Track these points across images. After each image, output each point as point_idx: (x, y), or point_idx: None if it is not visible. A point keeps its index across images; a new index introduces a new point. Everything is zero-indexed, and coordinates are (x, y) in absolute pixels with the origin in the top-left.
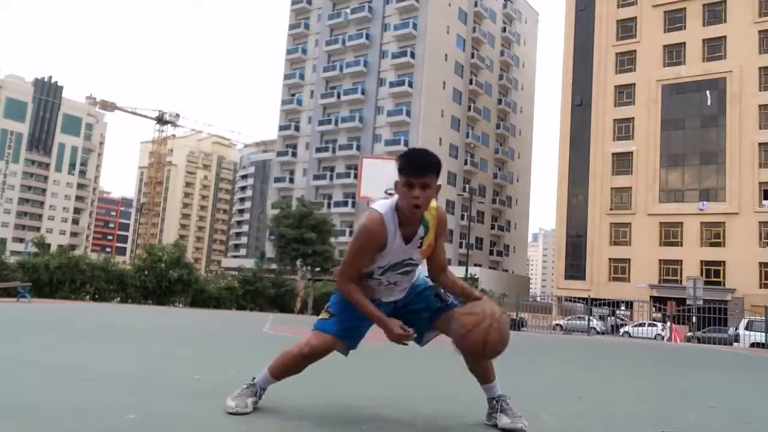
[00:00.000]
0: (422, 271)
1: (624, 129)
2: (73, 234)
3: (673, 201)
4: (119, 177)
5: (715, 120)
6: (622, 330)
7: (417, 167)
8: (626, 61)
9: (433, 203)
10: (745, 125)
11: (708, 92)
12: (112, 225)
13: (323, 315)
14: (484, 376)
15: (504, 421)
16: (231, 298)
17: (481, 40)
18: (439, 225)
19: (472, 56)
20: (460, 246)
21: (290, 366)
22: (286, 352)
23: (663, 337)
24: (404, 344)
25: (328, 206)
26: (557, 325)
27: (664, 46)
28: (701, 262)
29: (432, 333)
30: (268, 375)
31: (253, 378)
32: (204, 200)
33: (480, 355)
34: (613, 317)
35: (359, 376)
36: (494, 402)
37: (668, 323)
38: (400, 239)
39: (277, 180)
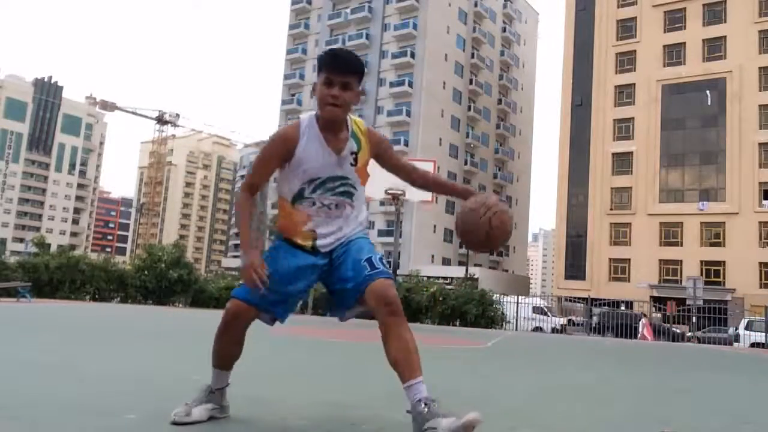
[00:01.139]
0: (365, 227)
1: (624, 129)
2: (73, 234)
3: (673, 201)
4: (119, 177)
5: (715, 120)
6: None
7: (340, 63)
8: (626, 61)
9: (359, 119)
10: (745, 125)
11: (708, 92)
12: (112, 225)
13: (238, 283)
14: (410, 370)
15: (445, 424)
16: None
17: (481, 40)
18: (377, 142)
19: (472, 56)
20: (460, 246)
21: (221, 346)
22: (215, 337)
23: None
24: (255, 286)
25: None
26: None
27: (664, 46)
28: (701, 262)
29: (355, 308)
30: (214, 371)
31: (212, 378)
32: (204, 200)
33: (485, 240)
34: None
35: (359, 376)
36: (423, 406)
37: (642, 320)
38: (322, 145)
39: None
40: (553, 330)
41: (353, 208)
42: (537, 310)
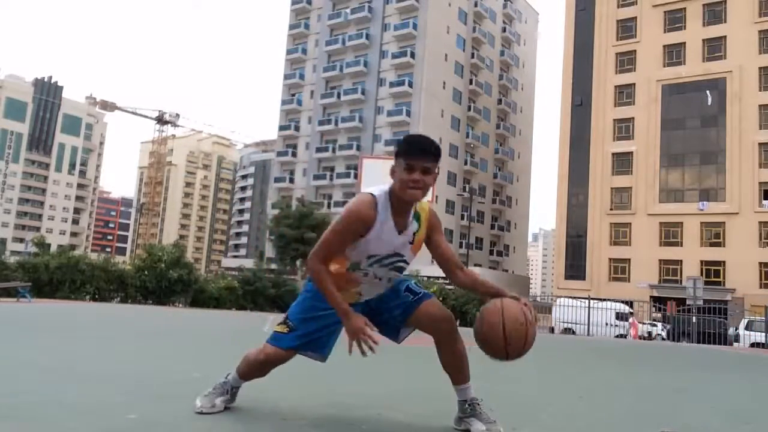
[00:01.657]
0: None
1: (624, 129)
2: (73, 234)
3: (673, 201)
4: (119, 177)
5: (715, 120)
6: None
7: (420, 149)
8: (626, 61)
9: (426, 201)
10: (745, 125)
11: (708, 92)
12: (112, 225)
13: (280, 327)
14: (461, 376)
15: (477, 427)
16: (231, 298)
17: (481, 40)
18: (432, 223)
19: (472, 56)
20: (460, 246)
21: (253, 370)
22: (248, 355)
23: (625, 335)
24: (364, 351)
25: (328, 206)
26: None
27: (664, 46)
28: (701, 262)
29: (407, 329)
30: (236, 375)
31: (227, 375)
32: (204, 200)
33: (504, 351)
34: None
35: (359, 376)
36: (466, 405)
37: (630, 319)
38: (392, 227)
39: (277, 180)
40: (641, 338)
41: (400, 276)
42: (621, 316)
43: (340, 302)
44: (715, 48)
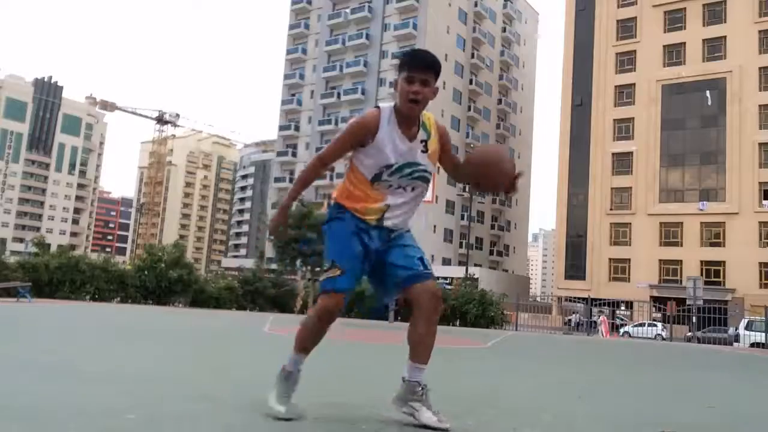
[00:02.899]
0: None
1: (624, 129)
2: (73, 234)
3: (673, 201)
4: (119, 177)
5: (715, 120)
6: (622, 330)
7: (421, 62)
8: (626, 61)
9: (431, 114)
10: (745, 125)
11: (708, 92)
12: (112, 225)
13: (333, 272)
14: (426, 354)
15: (427, 416)
16: (231, 298)
17: (481, 40)
18: (443, 136)
19: (472, 56)
20: (460, 246)
21: (314, 336)
22: (304, 326)
23: (599, 332)
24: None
25: (328, 206)
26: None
27: (664, 46)
28: (701, 262)
29: (398, 293)
30: (296, 355)
31: (281, 368)
32: (204, 200)
33: (489, 173)
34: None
35: (359, 376)
36: (419, 388)
37: (600, 317)
38: (401, 136)
39: (277, 180)
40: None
41: (425, 191)
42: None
43: (291, 197)
44: (715, 48)
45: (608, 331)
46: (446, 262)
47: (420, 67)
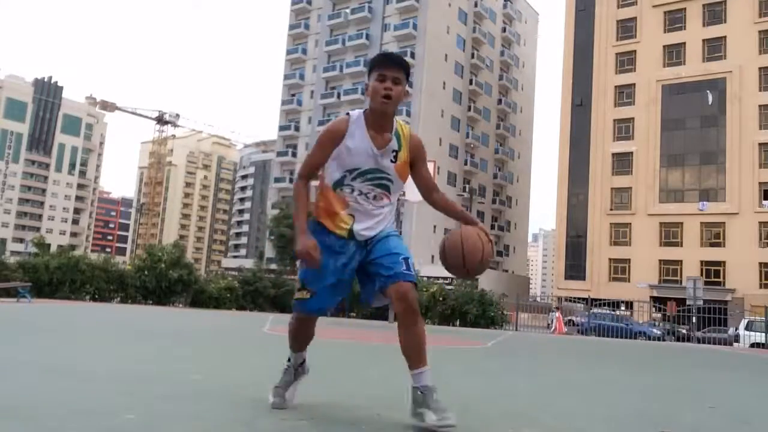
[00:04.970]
0: (394, 226)
1: (624, 129)
2: (73, 234)
3: (673, 201)
4: (119, 177)
5: (715, 120)
6: None
7: (391, 61)
8: (626, 61)
9: (407, 126)
10: (745, 125)
11: (708, 92)
12: (112, 225)
13: (301, 294)
14: (417, 359)
15: (430, 417)
16: (231, 298)
17: (481, 40)
18: (416, 147)
19: (472, 56)
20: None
21: (298, 337)
22: (288, 330)
23: (550, 328)
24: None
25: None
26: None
27: (664, 46)
28: (701, 262)
29: (382, 299)
30: (292, 352)
31: (288, 360)
32: (204, 200)
33: (464, 267)
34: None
35: (359, 376)
36: (418, 393)
37: (555, 312)
38: (370, 142)
39: (277, 180)
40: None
41: (390, 200)
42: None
43: (301, 221)
44: (715, 48)
45: (562, 326)
46: None
47: (391, 66)
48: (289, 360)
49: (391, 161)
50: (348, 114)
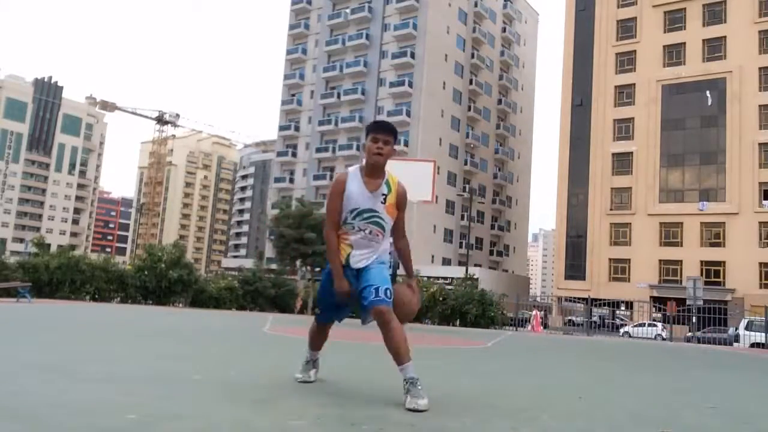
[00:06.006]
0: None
1: (624, 129)
2: (73, 234)
3: (673, 201)
4: (119, 177)
5: (715, 120)
6: (622, 330)
7: (382, 127)
8: (626, 61)
9: (396, 178)
10: (745, 125)
11: (708, 92)
12: (112, 225)
13: (317, 309)
14: (397, 359)
15: (407, 401)
16: (231, 298)
17: (481, 40)
18: (401, 195)
19: (472, 56)
20: (460, 246)
21: (313, 340)
22: (309, 330)
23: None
24: (340, 304)
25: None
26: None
27: (664, 46)
28: (701, 262)
29: (371, 317)
30: (308, 348)
31: (308, 353)
32: (204, 200)
33: (412, 312)
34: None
35: (359, 375)
36: (405, 384)
37: (533, 311)
38: (364, 186)
39: (277, 180)
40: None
41: (383, 236)
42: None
43: (336, 264)
44: (715, 48)
45: (539, 326)
46: (446, 262)
47: (382, 131)
48: (308, 354)
49: (381, 202)
50: (346, 170)
